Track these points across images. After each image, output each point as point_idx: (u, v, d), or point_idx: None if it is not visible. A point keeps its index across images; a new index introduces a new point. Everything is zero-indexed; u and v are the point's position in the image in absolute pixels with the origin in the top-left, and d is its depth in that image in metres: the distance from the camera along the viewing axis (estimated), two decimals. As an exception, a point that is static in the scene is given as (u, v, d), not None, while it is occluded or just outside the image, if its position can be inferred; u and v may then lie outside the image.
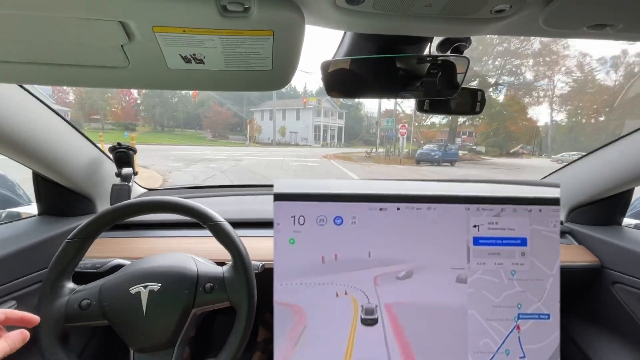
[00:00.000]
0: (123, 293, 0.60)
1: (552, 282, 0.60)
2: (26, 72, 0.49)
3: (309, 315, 0.60)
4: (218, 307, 0.63)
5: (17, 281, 0.79)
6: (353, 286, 0.60)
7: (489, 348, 0.60)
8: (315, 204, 0.60)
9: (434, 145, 19.04)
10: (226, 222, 0.65)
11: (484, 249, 0.60)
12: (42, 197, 0.99)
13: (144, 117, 34.75)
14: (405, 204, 0.60)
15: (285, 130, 33.34)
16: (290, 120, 33.19)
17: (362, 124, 40.56)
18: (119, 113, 32.35)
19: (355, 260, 0.60)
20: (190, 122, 36.51)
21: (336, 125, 34.18)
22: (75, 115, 28.18)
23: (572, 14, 0.39)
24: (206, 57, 0.45)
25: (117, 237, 0.98)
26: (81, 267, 0.78)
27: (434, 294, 0.60)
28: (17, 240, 0.82)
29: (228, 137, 32.58)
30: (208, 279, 0.63)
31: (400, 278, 0.60)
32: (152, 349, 0.60)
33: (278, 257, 0.60)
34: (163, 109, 34.73)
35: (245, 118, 33.90)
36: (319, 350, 0.60)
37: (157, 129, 34.64)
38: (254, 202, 1.25)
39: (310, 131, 31.75)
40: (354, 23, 0.45)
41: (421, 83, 0.60)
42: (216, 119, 32.97)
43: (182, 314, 0.61)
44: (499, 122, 22.35)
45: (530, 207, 0.60)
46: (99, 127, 27.81)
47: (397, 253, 0.61)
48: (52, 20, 0.38)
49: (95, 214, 0.64)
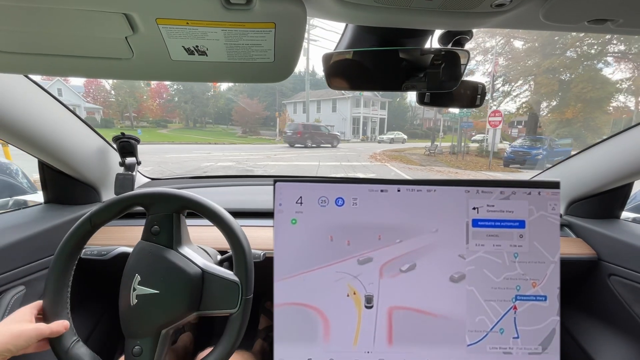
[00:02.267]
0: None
1: (553, 269, 0.61)
2: (31, 62, 0.50)
3: (322, 314, 0.62)
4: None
5: (25, 267, 0.81)
6: (357, 277, 0.62)
7: (484, 326, 0.61)
8: (317, 185, 0.61)
9: (526, 139, 12.86)
10: (227, 212, 0.65)
11: (483, 231, 0.62)
12: (48, 186, 1.01)
13: (177, 114, 33.94)
14: (406, 186, 0.61)
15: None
16: (326, 112, 28.61)
17: (406, 114, 35.18)
18: (154, 110, 32.22)
19: (357, 242, 0.62)
20: (221, 117, 34.44)
21: (377, 116, 29.40)
22: (106, 113, 28.45)
23: (573, 8, 0.40)
24: (209, 49, 0.45)
25: (121, 226, 1.00)
26: (87, 254, 0.80)
27: (434, 294, 0.61)
28: (24, 227, 0.84)
29: (259, 133, 29.04)
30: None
31: (404, 271, 0.62)
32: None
33: (279, 239, 0.61)
34: (194, 104, 33.42)
35: (277, 111, 30.38)
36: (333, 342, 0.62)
37: (190, 125, 33.57)
38: (255, 192, 1.26)
39: (348, 124, 27.42)
40: (356, 16, 0.45)
41: (424, 75, 0.60)
42: (246, 113, 29.73)
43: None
44: (595, 105, 14.28)
45: (530, 190, 0.61)
46: (129, 126, 27.69)
47: (398, 234, 0.62)
48: (57, 12, 0.39)
49: (110, 199, 0.64)
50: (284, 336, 0.62)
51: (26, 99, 0.76)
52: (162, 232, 0.62)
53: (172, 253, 0.61)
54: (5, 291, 0.77)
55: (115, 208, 0.63)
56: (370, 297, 0.62)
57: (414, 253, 0.62)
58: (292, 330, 0.62)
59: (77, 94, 26.34)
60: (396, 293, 0.62)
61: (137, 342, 0.58)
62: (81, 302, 1.02)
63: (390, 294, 0.62)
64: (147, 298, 0.58)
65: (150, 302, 0.58)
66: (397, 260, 0.62)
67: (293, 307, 0.62)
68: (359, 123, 27.97)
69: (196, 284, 0.60)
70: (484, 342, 0.61)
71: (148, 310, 0.58)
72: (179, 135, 23.84)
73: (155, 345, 0.59)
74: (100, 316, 1.09)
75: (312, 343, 0.62)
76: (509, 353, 0.61)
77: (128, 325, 0.59)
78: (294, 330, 0.62)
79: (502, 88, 16.68)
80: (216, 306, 0.61)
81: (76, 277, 0.64)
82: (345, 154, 12.96)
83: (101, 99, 29.04)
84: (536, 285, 0.61)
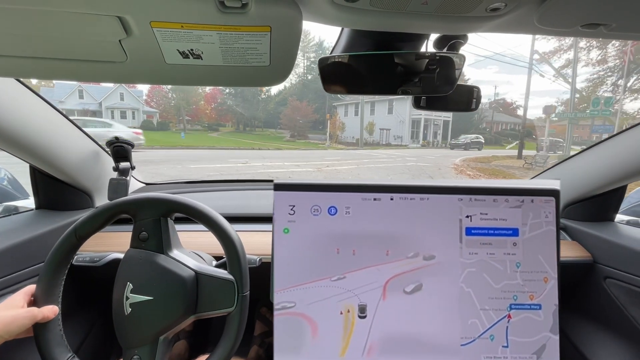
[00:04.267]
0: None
1: (553, 284, 0.61)
2: (24, 66, 0.49)
3: (314, 326, 0.61)
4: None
5: (15, 274, 0.79)
6: (355, 292, 0.61)
7: (475, 330, 0.61)
8: (310, 194, 0.61)
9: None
10: (214, 211, 0.64)
11: (477, 239, 0.61)
12: (40, 191, 0.99)
13: (229, 118, 34.19)
14: (399, 194, 0.61)
15: (373, 127, 26.21)
16: (381, 115, 26.09)
17: (473, 117, 29.70)
18: (209, 114, 32.79)
19: (348, 253, 0.61)
20: (271, 121, 33.77)
21: (441, 119, 25.45)
22: (163, 116, 29.29)
23: (567, 13, 0.40)
24: (204, 53, 0.45)
25: (113, 232, 0.99)
26: (79, 261, 0.79)
27: (435, 315, 0.61)
28: (14, 234, 0.83)
29: (307, 137, 27.71)
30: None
31: (408, 292, 0.61)
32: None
33: (276, 247, 0.61)
34: (245, 108, 33.44)
35: (327, 114, 27.81)
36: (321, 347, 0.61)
37: (240, 128, 33.70)
38: (250, 196, 1.25)
39: (406, 127, 24.48)
40: (351, 20, 0.45)
41: (420, 79, 0.61)
42: (294, 116, 28.48)
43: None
44: None
45: (523, 197, 0.61)
46: (182, 129, 28.07)
47: (391, 245, 0.61)
48: (50, 15, 0.38)
49: (93, 210, 0.63)
50: (283, 346, 0.61)
51: (17, 103, 0.75)
52: (151, 237, 0.61)
53: (162, 258, 0.60)
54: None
55: (100, 219, 0.62)
56: (364, 306, 0.61)
57: (415, 269, 0.61)
58: (290, 339, 0.62)
59: (137, 98, 27.07)
60: (392, 312, 0.61)
61: (134, 351, 0.57)
62: (72, 311, 1.00)
63: (385, 312, 0.61)
64: (142, 305, 0.57)
65: (145, 309, 0.57)
66: (399, 278, 0.61)
67: (290, 317, 0.61)
68: (419, 126, 25.24)
69: (190, 287, 0.59)
70: (474, 346, 0.60)
71: (143, 318, 0.57)
72: (226, 139, 23.73)
73: (154, 353, 0.58)
74: (92, 324, 1.07)
75: (302, 352, 0.61)
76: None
77: (124, 336, 0.58)
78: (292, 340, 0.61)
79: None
80: (213, 307, 0.60)
81: (67, 284, 0.63)
82: (418, 165, 10.81)
83: (161, 103, 30.05)
84: (535, 298, 0.61)
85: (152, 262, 0.59)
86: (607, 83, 16.03)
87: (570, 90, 14.97)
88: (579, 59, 15.04)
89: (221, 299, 0.59)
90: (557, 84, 12.77)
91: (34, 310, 0.54)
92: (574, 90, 14.93)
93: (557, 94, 52.29)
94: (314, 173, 8.38)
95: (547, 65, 23.71)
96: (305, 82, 34.28)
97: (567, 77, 16.66)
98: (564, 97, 20.92)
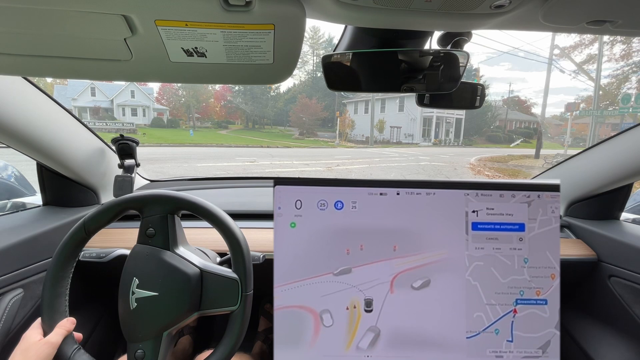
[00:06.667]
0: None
1: (557, 281, 0.61)
2: (30, 64, 0.49)
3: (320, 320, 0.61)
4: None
5: (23, 270, 0.81)
6: (361, 288, 0.61)
7: (480, 323, 0.61)
8: (316, 188, 0.61)
9: None
10: (221, 209, 0.65)
11: (483, 234, 0.61)
12: (46, 188, 1.00)
13: (239, 115, 34.45)
14: (405, 189, 0.61)
15: (383, 125, 25.46)
16: (391, 112, 25.31)
17: (486, 115, 28.61)
18: (218, 111, 33.28)
19: (356, 247, 0.61)
20: (279, 118, 33.72)
21: (453, 117, 24.65)
22: (173, 114, 29.64)
23: (572, 9, 0.40)
24: (208, 51, 0.45)
25: (119, 228, 1.00)
26: (85, 257, 0.80)
27: (441, 312, 0.61)
28: (22, 230, 0.84)
29: (316, 135, 27.21)
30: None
31: (416, 288, 0.61)
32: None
33: (278, 242, 0.61)
34: (254, 106, 33.31)
35: (336, 111, 26.87)
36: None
37: (249, 126, 33.73)
38: (254, 193, 1.26)
39: (417, 125, 23.62)
40: (355, 17, 0.45)
41: (424, 76, 0.61)
42: (304, 114, 27.77)
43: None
44: None
45: (529, 193, 0.61)
46: (192, 126, 28.51)
47: (398, 240, 0.61)
48: (56, 14, 0.39)
49: (102, 205, 0.64)
50: (283, 339, 0.61)
51: (24, 101, 0.75)
52: (157, 234, 0.61)
53: (168, 254, 0.61)
54: (3, 294, 0.77)
55: (109, 214, 0.63)
56: (370, 300, 0.61)
57: (423, 265, 0.61)
58: (291, 333, 0.62)
59: (148, 95, 27.36)
60: (399, 307, 0.61)
61: (139, 345, 0.58)
62: (78, 306, 1.01)
63: (392, 307, 0.61)
64: (147, 301, 0.58)
65: (150, 304, 0.58)
66: (407, 273, 0.61)
67: (291, 310, 0.61)
68: (431, 124, 24.25)
69: (195, 284, 0.60)
70: (479, 339, 0.61)
71: (148, 313, 0.58)
72: (235, 137, 23.61)
73: (158, 348, 0.58)
74: (98, 319, 1.09)
75: (305, 346, 0.61)
76: (500, 357, 0.61)
77: (129, 330, 0.59)
78: (293, 334, 0.62)
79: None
80: (216, 305, 0.60)
81: (74, 279, 0.64)
82: (433, 164, 10.32)
83: (172, 101, 30.50)
84: (541, 294, 0.61)
85: (158, 259, 0.60)
86: (632, 80, 15.65)
87: (595, 86, 14.52)
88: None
89: (225, 298, 0.60)
90: (577, 80, 12.73)
91: (51, 339, 0.56)
92: (598, 87, 14.44)
93: (574, 91, 50.23)
94: (324, 173, 8.11)
95: (566, 61, 22.92)
96: (314, 79, 34.03)
97: (589, 72, 16.27)
98: (583, 94, 20.21)
